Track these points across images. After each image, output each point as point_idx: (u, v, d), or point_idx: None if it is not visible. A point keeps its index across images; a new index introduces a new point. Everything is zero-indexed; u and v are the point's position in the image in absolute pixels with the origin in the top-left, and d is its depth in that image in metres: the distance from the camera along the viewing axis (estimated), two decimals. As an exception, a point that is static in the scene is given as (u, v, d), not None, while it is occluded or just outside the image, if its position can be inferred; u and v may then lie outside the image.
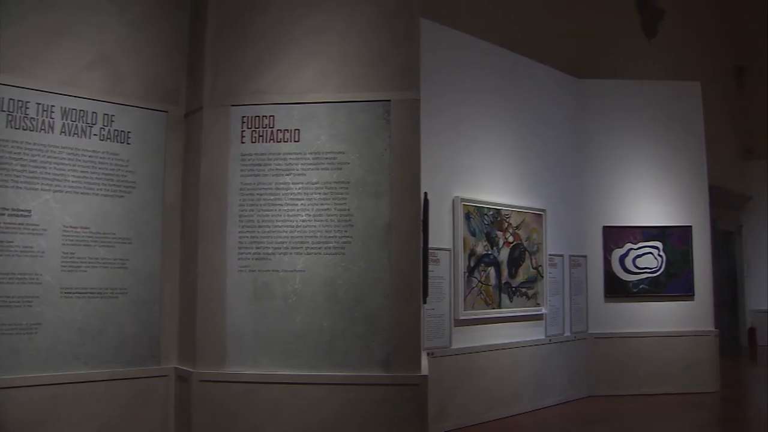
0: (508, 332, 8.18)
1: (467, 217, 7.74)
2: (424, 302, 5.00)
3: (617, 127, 9.93)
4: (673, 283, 9.79)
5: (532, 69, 9.12)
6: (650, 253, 9.75)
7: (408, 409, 4.58)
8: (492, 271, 8.02)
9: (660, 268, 9.76)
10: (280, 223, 4.81)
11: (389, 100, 4.79)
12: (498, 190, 8.27)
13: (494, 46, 8.51)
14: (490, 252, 8.01)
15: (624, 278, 9.71)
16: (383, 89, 4.83)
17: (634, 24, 12.25)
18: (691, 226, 9.94)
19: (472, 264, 7.77)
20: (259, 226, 4.83)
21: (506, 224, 8.24)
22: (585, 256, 9.63)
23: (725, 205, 14.43)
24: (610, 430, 7.65)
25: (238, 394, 4.70)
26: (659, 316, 9.72)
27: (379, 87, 4.85)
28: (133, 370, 4.85)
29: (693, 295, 9.85)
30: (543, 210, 8.79)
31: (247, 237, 4.83)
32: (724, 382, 9.92)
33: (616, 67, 11.21)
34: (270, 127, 4.92)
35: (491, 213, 8.07)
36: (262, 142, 4.91)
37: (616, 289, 9.70)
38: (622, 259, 9.71)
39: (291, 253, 4.78)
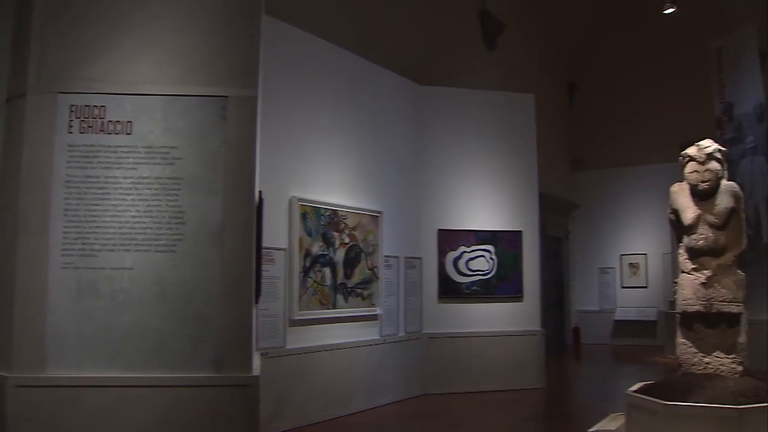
0: (343, 332, 8.26)
1: (304, 217, 7.74)
2: (257, 302, 4.96)
3: (455, 134, 10.25)
4: (503, 285, 10.21)
5: (374, 73, 9.26)
6: (482, 256, 10.12)
7: (239, 410, 4.54)
8: (327, 271, 8.06)
9: (491, 270, 10.15)
10: (108, 219, 4.60)
11: (226, 96, 4.71)
12: (335, 191, 8.33)
13: (338, 48, 8.58)
14: (326, 252, 8.05)
15: (457, 280, 10.02)
16: (221, 85, 4.75)
17: (475, 35, 12.72)
18: (521, 231, 10.40)
19: (307, 264, 7.78)
20: (86, 221, 4.61)
21: (343, 225, 8.31)
22: (420, 258, 9.87)
23: (554, 212, 15.26)
24: (439, 425, 7.90)
25: (61, 399, 4.45)
26: (490, 317, 10.10)
27: (216, 82, 4.76)
28: (-63, 375, 4.48)
29: (522, 296, 10.32)
30: (379, 212, 8.94)
31: (72, 232, 4.59)
32: (549, 379, 10.48)
33: (457, 75, 11.56)
34: (100, 118, 4.70)
35: (328, 214, 8.11)
36: (92, 132, 4.68)
37: (450, 290, 9.99)
38: (455, 261, 10.02)
39: (119, 250, 4.59)
